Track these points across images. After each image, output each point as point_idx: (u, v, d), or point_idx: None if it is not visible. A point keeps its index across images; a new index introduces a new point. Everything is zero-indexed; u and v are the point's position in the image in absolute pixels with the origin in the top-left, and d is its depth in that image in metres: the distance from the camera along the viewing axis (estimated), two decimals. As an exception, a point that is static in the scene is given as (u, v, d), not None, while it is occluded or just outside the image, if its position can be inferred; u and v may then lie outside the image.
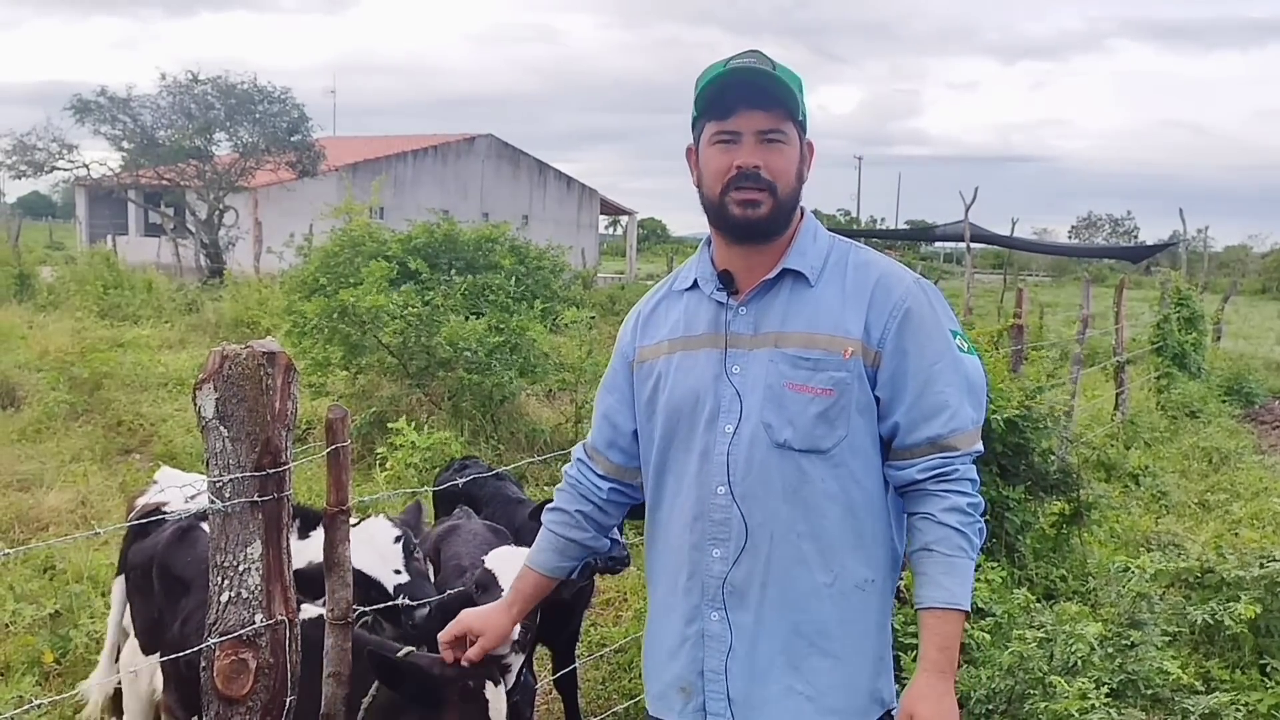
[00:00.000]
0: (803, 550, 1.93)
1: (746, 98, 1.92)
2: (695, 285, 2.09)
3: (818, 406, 1.91)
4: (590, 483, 2.25)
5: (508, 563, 2.82)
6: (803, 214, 2.05)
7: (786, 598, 1.94)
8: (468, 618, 2.27)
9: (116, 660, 3.43)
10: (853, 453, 1.93)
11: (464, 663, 2.24)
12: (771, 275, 1.98)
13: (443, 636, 2.28)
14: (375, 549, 2.92)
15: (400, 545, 2.96)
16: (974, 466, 1.95)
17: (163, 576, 2.98)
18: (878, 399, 1.94)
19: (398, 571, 2.91)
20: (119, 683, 3.35)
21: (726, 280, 2.02)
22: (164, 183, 26.13)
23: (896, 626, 2.14)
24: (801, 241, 2.01)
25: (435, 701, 2.31)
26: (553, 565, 2.27)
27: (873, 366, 1.93)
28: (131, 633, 3.22)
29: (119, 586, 3.31)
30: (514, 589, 2.30)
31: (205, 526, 3.05)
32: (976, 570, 2.11)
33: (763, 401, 1.94)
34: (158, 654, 3.04)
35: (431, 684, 2.30)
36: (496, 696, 2.37)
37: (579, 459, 2.30)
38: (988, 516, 1.99)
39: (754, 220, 1.95)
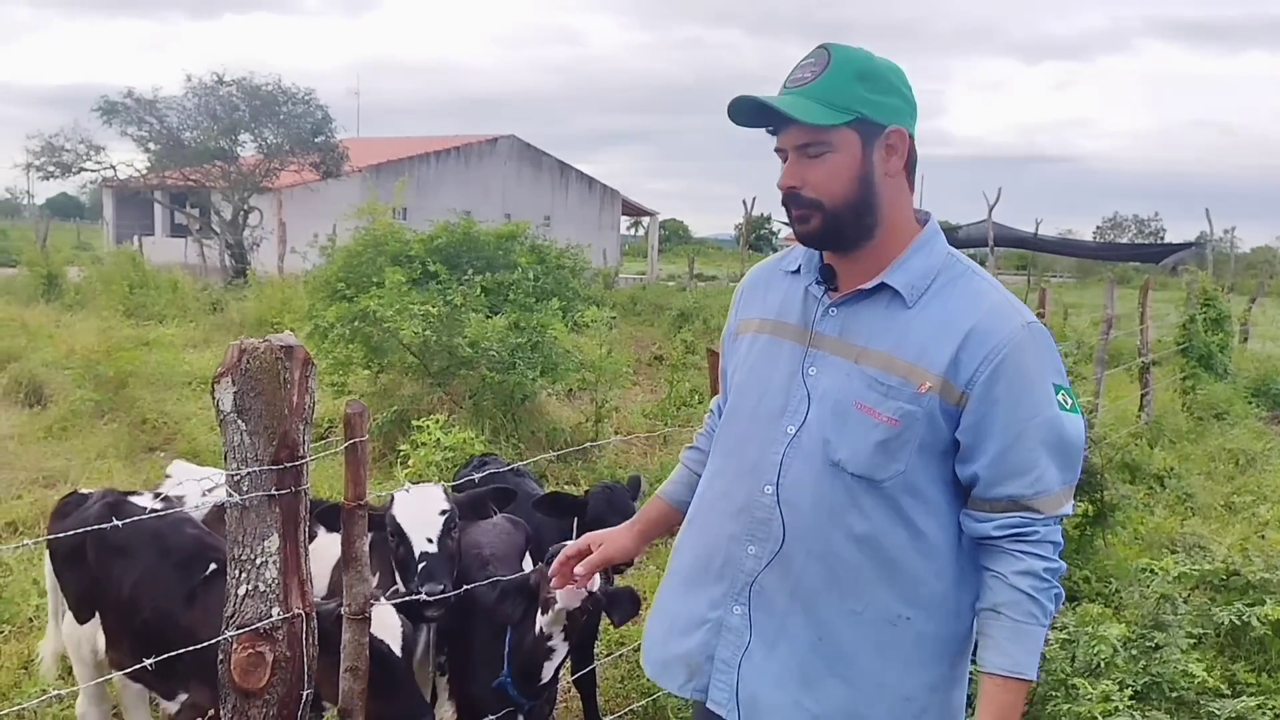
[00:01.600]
0: (836, 573, 1.87)
1: (780, 115, 1.85)
2: (799, 270, 2.03)
3: (879, 434, 1.83)
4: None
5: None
6: (926, 224, 1.94)
7: (812, 614, 1.88)
8: (592, 535, 2.34)
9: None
10: (907, 489, 1.85)
11: (578, 572, 2.30)
12: (868, 286, 1.89)
13: (566, 550, 2.35)
14: (420, 510, 2.98)
15: (443, 519, 3.00)
16: (1059, 529, 1.84)
17: (96, 546, 3.06)
18: (958, 442, 1.84)
19: (429, 540, 2.93)
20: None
21: (827, 275, 1.94)
22: (189, 184, 26.34)
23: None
24: (912, 258, 1.90)
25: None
26: (680, 498, 2.29)
27: (956, 406, 1.82)
28: (64, 605, 3.35)
29: (48, 564, 3.42)
30: (641, 513, 2.38)
31: (133, 500, 3.21)
32: None
33: (829, 414, 1.87)
34: (95, 618, 3.21)
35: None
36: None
37: (711, 411, 2.33)
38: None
39: (808, 235, 1.89)
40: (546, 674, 2.83)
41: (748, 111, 1.88)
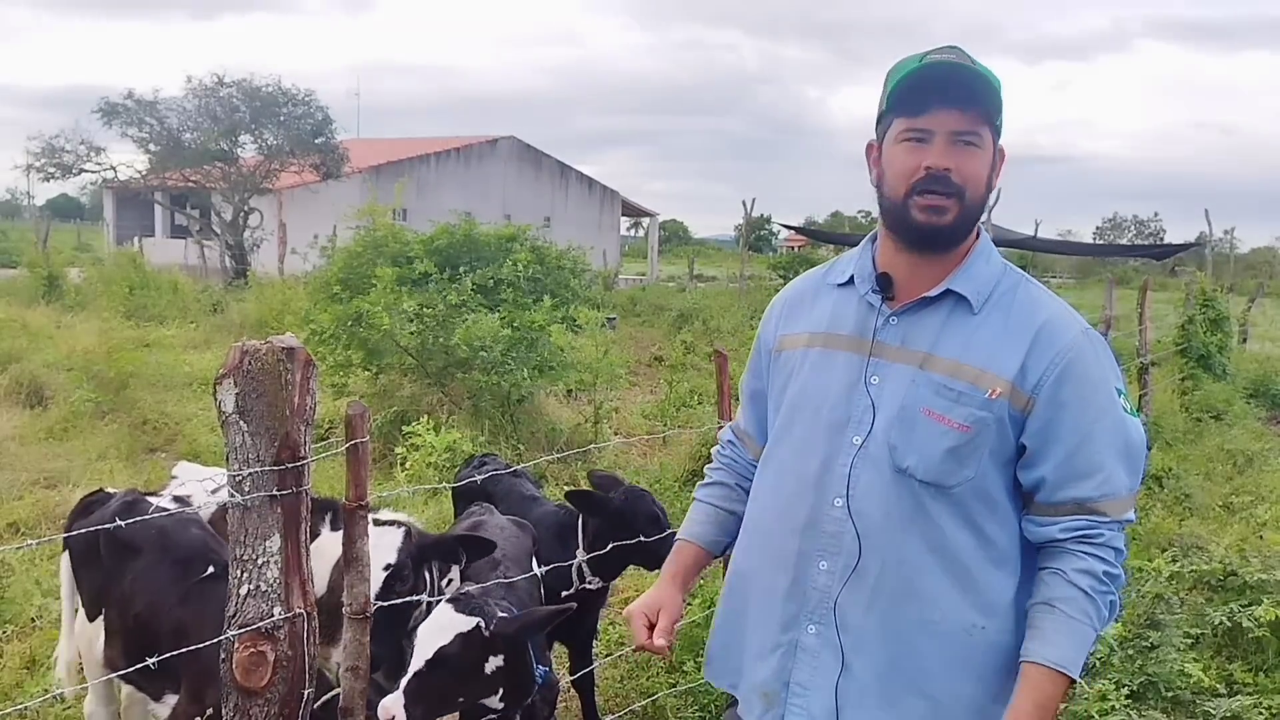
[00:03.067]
0: (912, 583, 1.84)
1: (943, 95, 1.81)
2: (850, 282, 1.99)
3: (950, 441, 1.81)
4: (745, 462, 2.20)
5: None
6: (979, 234, 1.94)
7: (889, 628, 1.85)
8: (641, 606, 2.13)
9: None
10: (976, 495, 1.83)
11: (660, 641, 2.07)
12: (933, 293, 1.88)
13: (639, 636, 2.11)
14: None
15: (385, 574, 2.90)
16: (1123, 536, 1.82)
17: (109, 544, 3.07)
18: (1023, 447, 1.83)
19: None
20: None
21: (884, 283, 1.91)
22: (190, 185, 26.37)
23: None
24: (973, 264, 1.90)
25: None
26: (712, 539, 2.19)
27: (1022, 412, 1.81)
28: (79, 604, 3.33)
29: (65, 562, 3.41)
30: (674, 562, 2.19)
31: (150, 499, 3.18)
32: None
33: (894, 421, 1.85)
34: (101, 616, 3.16)
35: None
36: None
37: (729, 440, 2.24)
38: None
39: (937, 228, 1.84)
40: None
41: (937, 80, 1.82)
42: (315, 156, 26.35)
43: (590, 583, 3.71)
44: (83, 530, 2.85)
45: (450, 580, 3.23)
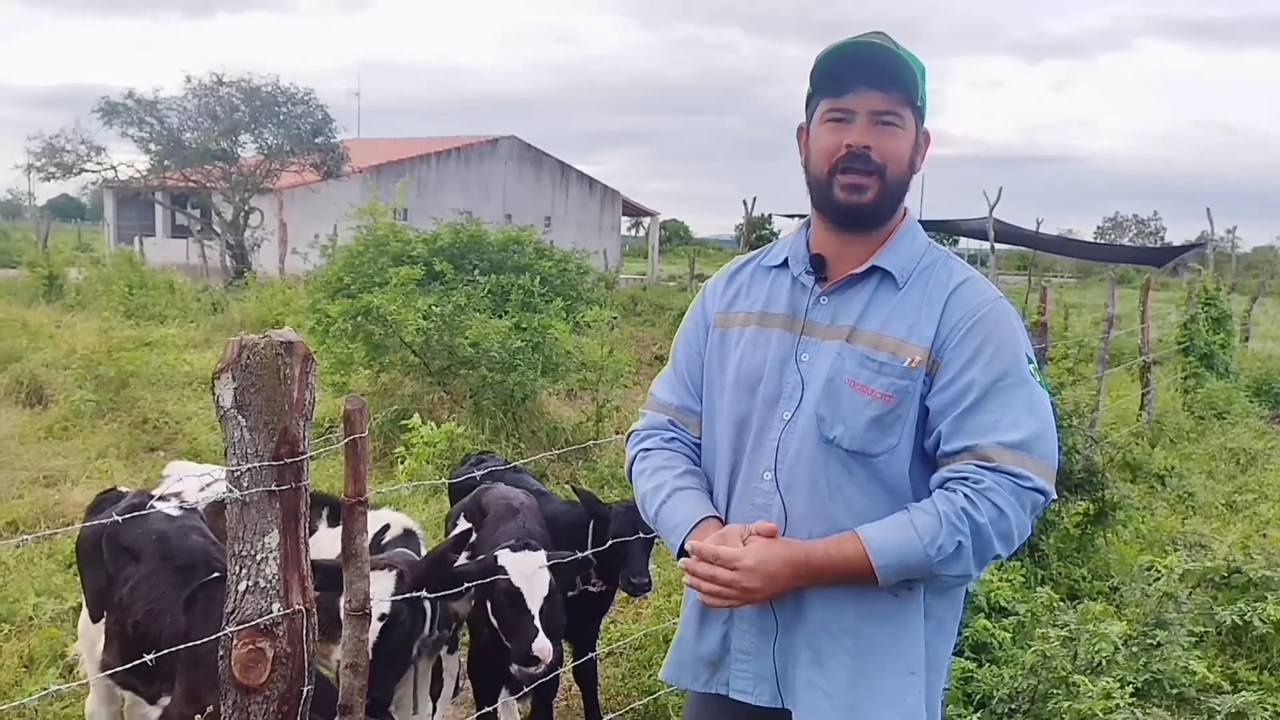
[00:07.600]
0: None
1: (864, 76, 1.87)
2: (785, 264, 2.05)
3: (874, 410, 1.86)
4: (694, 444, 2.10)
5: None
6: (905, 214, 2.00)
7: (818, 593, 1.89)
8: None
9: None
10: (900, 463, 1.88)
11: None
12: (860, 270, 1.94)
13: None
14: None
15: (381, 624, 2.88)
16: (1014, 499, 1.78)
17: (111, 546, 3.07)
18: (927, 409, 1.86)
19: None
20: None
21: (817, 264, 1.97)
22: (190, 185, 26.31)
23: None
24: (898, 241, 1.96)
25: None
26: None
27: (930, 373, 1.86)
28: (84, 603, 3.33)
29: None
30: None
31: (156, 503, 3.17)
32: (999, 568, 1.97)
33: (822, 393, 1.89)
34: (104, 619, 3.16)
35: None
36: None
37: (670, 422, 2.13)
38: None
39: (858, 205, 1.91)
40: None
41: (857, 62, 1.87)
42: (315, 156, 26.28)
43: (593, 584, 3.72)
44: (83, 525, 2.83)
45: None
